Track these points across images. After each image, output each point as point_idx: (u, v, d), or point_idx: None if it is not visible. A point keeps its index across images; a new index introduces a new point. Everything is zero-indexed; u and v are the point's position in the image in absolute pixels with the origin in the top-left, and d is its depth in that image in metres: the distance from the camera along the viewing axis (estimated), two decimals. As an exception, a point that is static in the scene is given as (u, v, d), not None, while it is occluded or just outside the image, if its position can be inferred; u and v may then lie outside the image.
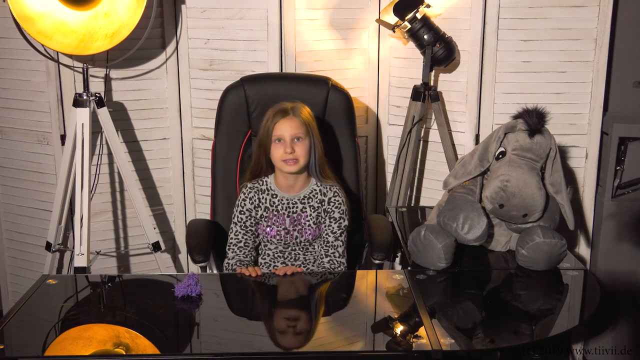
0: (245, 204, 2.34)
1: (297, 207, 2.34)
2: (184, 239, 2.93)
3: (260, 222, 2.35)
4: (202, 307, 1.95)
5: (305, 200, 2.34)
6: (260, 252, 2.40)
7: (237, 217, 2.35)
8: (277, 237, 2.35)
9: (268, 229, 2.34)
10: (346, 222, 2.34)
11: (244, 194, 2.35)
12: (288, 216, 2.34)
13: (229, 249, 2.35)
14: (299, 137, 2.25)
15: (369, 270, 2.39)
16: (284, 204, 2.34)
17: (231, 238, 2.35)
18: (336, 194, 2.34)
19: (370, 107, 3.04)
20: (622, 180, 2.79)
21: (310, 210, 2.34)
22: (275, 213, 2.34)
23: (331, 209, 2.33)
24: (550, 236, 2.11)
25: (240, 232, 2.35)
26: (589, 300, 2.08)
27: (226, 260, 2.34)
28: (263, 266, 2.38)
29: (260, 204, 2.34)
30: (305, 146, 2.26)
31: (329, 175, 2.35)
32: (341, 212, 2.33)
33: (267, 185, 2.36)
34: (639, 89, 2.93)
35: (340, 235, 2.33)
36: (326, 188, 2.34)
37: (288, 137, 2.24)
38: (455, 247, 2.14)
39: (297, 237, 2.34)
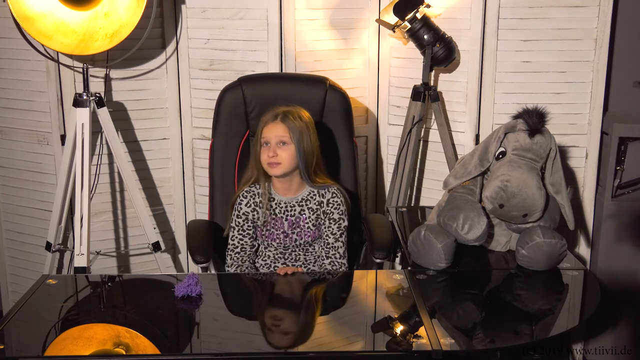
0: (241, 208, 2.35)
1: (295, 210, 2.34)
2: (184, 239, 2.93)
3: (259, 225, 2.35)
4: (202, 307, 1.95)
5: (304, 203, 2.34)
6: (260, 253, 2.40)
7: (235, 221, 2.35)
8: (277, 241, 2.35)
9: (267, 232, 2.34)
10: (346, 223, 2.34)
11: (241, 197, 2.35)
12: (286, 219, 2.33)
13: (228, 256, 2.35)
14: (284, 142, 2.26)
15: (368, 270, 2.39)
16: (281, 207, 2.34)
17: (229, 244, 2.36)
18: (334, 194, 2.34)
19: (370, 107, 3.04)
20: (622, 180, 2.79)
21: (309, 213, 2.33)
22: (274, 217, 2.34)
23: (330, 210, 2.33)
24: (550, 236, 2.11)
25: (237, 237, 2.35)
26: (589, 300, 2.08)
27: (226, 267, 2.35)
28: (263, 267, 2.39)
29: (258, 208, 2.34)
30: (289, 151, 2.26)
31: (319, 182, 2.34)
32: (340, 212, 2.33)
33: (264, 189, 2.35)
34: (639, 89, 2.93)
35: (341, 237, 2.33)
36: (324, 189, 2.34)
37: (273, 141, 2.25)
38: (455, 247, 2.14)
39: (296, 239, 2.34)
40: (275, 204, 2.34)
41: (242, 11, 2.83)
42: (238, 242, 2.35)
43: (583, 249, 2.90)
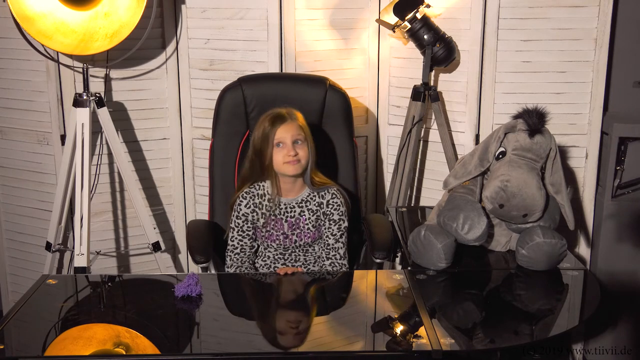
0: (241, 209, 2.34)
1: (295, 211, 2.33)
2: (184, 239, 2.93)
3: (258, 226, 2.35)
4: (202, 307, 1.95)
5: (303, 204, 2.34)
6: (260, 254, 2.40)
7: (235, 222, 2.35)
8: (277, 242, 2.34)
9: (267, 233, 2.34)
10: (346, 224, 2.34)
11: (240, 198, 2.35)
12: (286, 221, 2.33)
13: (227, 257, 2.35)
14: (299, 140, 2.26)
15: (368, 270, 2.39)
16: (281, 208, 2.34)
17: (229, 245, 2.36)
18: (334, 195, 2.34)
19: (370, 107, 3.04)
20: (622, 180, 2.79)
21: (309, 214, 2.33)
22: (273, 218, 2.34)
23: (330, 211, 2.33)
24: (550, 236, 2.11)
25: (237, 238, 2.35)
26: (589, 300, 2.08)
27: (226, 268, 2.35)
28: (263, 268, 2.38)
29: (257, 209, 2.34)
30: (305, 148, 2.27)
31: (318, 183, 2.34)
32: (340, 213, 2.33)
33: (264, 190, 2.35)
34: (639, 89, 2.93)
35: (341, 237, 2.33)
36: (324, 190, 2.34)
37: (289, 141, 2.25)
38: (455, 247, 2.14)
39: (296, 240, 2.34)
40: (275, 205, 2.34)
41: (242, 11, 2.83)
42: (238, 243, 2.35)
43: (583, 249, 2.90)
